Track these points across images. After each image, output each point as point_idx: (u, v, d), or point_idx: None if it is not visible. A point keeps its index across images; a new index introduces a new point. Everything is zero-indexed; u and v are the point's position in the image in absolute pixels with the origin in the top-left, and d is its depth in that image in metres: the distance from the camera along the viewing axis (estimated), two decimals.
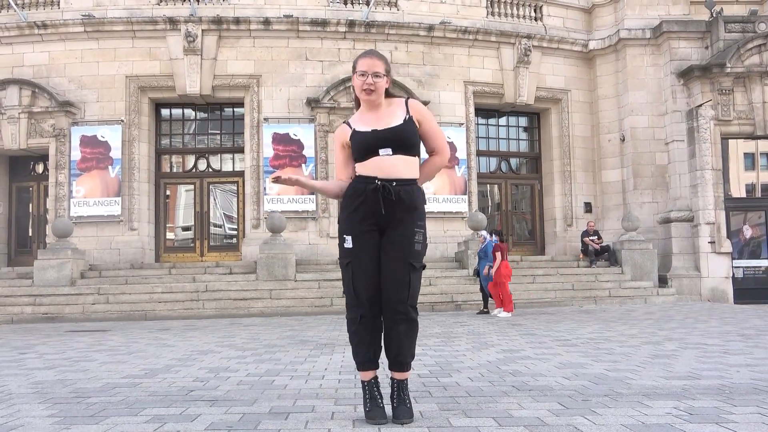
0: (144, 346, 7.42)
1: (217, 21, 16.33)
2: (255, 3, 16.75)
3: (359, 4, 17.19)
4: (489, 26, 17.71)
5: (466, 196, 17.03)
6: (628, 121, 17.55)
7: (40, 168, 17.26)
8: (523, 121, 19.37)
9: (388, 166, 3.21)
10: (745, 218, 17.13)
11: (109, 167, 16.07)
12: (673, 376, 4.59)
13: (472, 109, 17.61)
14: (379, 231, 3.27)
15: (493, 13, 18.11)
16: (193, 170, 17.50)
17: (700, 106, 16.50)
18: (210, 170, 17.48)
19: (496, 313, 11.67)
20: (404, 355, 3.25)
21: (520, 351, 6.28)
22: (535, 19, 18.49)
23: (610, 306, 13.93)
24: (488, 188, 19.06)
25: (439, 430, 3.06)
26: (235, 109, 17.49)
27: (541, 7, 18.54)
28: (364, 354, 3.28)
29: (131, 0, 16.49)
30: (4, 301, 13.26)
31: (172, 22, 16.19)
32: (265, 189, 16.26)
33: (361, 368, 3.31)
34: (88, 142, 16.07)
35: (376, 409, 3.23)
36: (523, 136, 19.47)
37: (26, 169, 17.50)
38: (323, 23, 16.62)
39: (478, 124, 18.29)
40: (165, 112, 17.61)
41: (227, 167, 17.62)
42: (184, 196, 17.58)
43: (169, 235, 17.30)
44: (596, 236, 16.78)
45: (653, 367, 5.01)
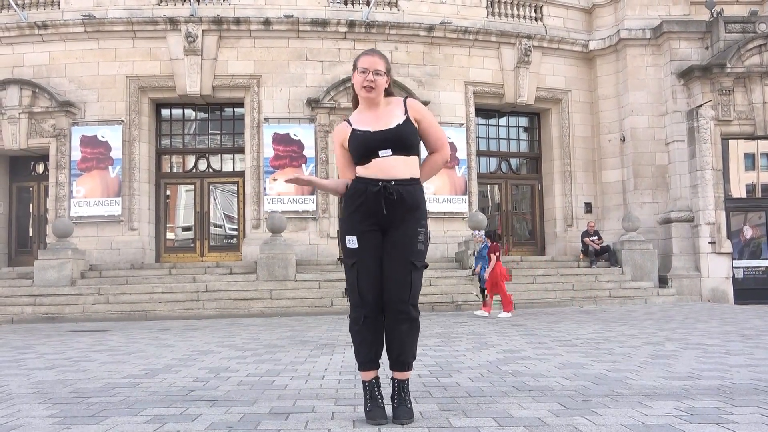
0: (144, 346, 7.42)
1: (218, 21, 16.34)
2: (255, 3, 16.75)
3: (359, 4, 17.19)
4: (489, 26, 17.71)
5: (466, 197, 17.03)
6: (629, 122, 17.55)
7: (40, 168, 17.26)
8: (524, 122, 19.37)
9: (388, 167, 3.21)
10: (746, 218, 17.13)
11: (110, 167, 16.08)
12: (673, 376, 4.59)
13: (472, 110, 17.61)
14: (380, 231, 3.27)
15: (493, 14, 18.11)
16: (194, 170, 17.50)
17: (701, 106, 16.50)
18: (210, 170, 17.49)
19: (477, 314, 11.80)
20: (406, 354, 3.26)
21: (521, 351, 6.28)
22: (536, 20, 18.49)
23: (611, 306, 13.93)
24: (488, 188, 19.06)
25: (439, 430, 3.06)
26: (235, 110, 17.49)
27: (541, 8, 18.54)
28: (365, 354, 3.29)
29: (131, 0, 16.49)
30: (4, 301, 13.26)
31: (173, 22, 16.20)
32: (265, 189, 16.26)
33: (363, 368, 3.31)
34: (88, 142, 16.08)
35: (376, 410, 3.23)
36: (524, 136, 19.47)
37: (26, 169, 17.51)
38: (323, 23, 16.63)
39: (478, 124, 18.29)
40: (165, 113, 17.61)
41: (227, 167, 17.62)
42: (184, 197, 17.58)
43: (170, 236, 17.31)
44: (596, 236, 16.77)
45: (653, 368, 5.01)
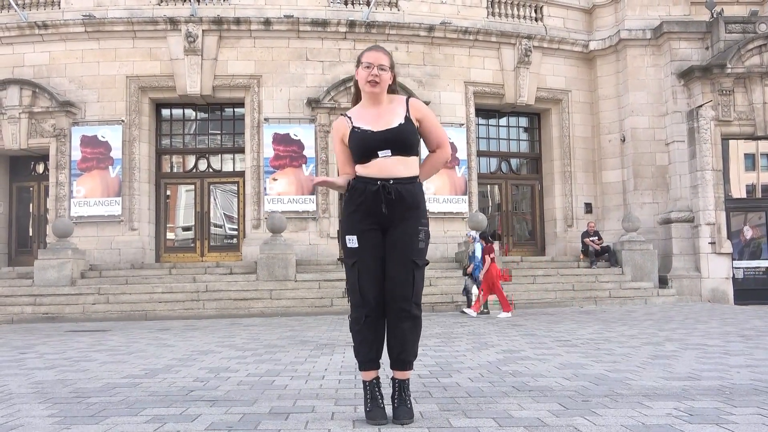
0: (144, 346, 7.42)
1: (218, 21, 16.34)
2: (255, 3, 16.75)
3: (360, 4, 17.19)
4: (489, 27, 17.71)
5: (466, 197, 17.03)
6: (629, 122, 17.55)
7: (40, 168, 17.26)
8: (524, 122, 19.37)
9: (387, 167, 3.21)
10: (746, 219, 17.13)
11: (110, 167, 16.08)
12: (673, 376, 4.58)
13: (472, 110, 17.61)
14: (380, 230, 3.26)
15: (493, 14, 18.10)
16: (194, 170, 17.50)
17: (701, 106, 16.50)
18: (210, 170, 17.49)
19: (467, 312, 11.87)
20: (407, 353, 3.25)
21: (520, 351, 6.29)
22: (536, 20, 18.49)
23: (611, 307, 13.92)
24: (488, 189, 19.05)
25: (439, 430, 3.06)
26: (235, 110, 17.49)
27: (541, 8, 18.54)
28: (366, 353, 3.28)
29: (132, 0, 16.49)
30: (4, 300, 13.26)
31: (173, 22, 16.20)
32: (265, 189, 16.26)
33: (363, 368, 3.31)
34: (88, 142, 16.08)
35: (376, 410, 3.22)
36: (524, 136, 19.47)
37: (27, 169, 17.51)
38: (324, 23, 16.62)
39: (478, 124, 18.29)
40: (165, 113, 17.61)
41: (228, 167, 17.62)
42: (184, 197, 17.58)
43: (170, 235, 17.31)
44: (596, 237, 16.77)
45: (653, 368, 5.00)
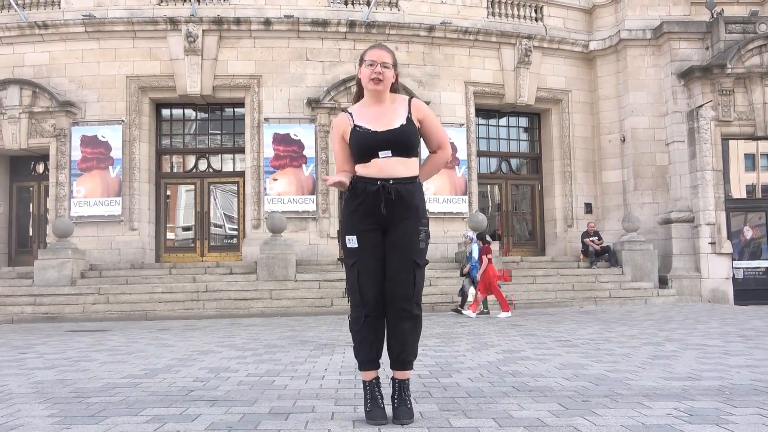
0: (144, 346, 7.42)
1: (218, 21, 16.34)
2: (256, 3, 16.75)
3: (360, 4, 17.18)
4: (489, 27, 17.71)
5: (466, 197, 17.03)
6: (629, 122, 17.55)
7: (40, 168, 17.26)
8: (524, 122, 19.37)
9: (387, 167, 3.21)
10: (746, 219, 17.13)
11: (110, 167, 16.08)
12: (673, 377, 4.58)
13: (472, 110, 17.60)
14: (380, 230, 3.26)
15: (493, 14, 18.10)
16: (194, 170, 17.50)
17: (701, 106, 16.50)
18: (210, 170, 17.49)
19: (466, 313, 11.85)
20: (407, 353, 3.25)
21: (520, 351, 6.29)
22: (536, 20, 18.49)
23: (611, 307, 13.92)
24: (488, 189, 19.05)
25: (439, 430, 3.06)
26: (235, 110, 17.49)
27: (541, 8, 18.53)
28: (366, 354, 3.28)
29: (132, 0, 16.49)
30: (4, 300, 13.26)
31: (173, 22, 16.20)
32: (265, 189, 16.26)
33: (363, 368, 3.31)
34: (88, 142, 16.08)
35: (376, 410, 3.22)
36: (524, 136, 19.47)
37: (27, 168, 17.51)
38: (324, 23, 16.62)
39: (478, 124, 18.28)
40: (165, 112, 17.61)
41: (228, 167, 17.62)
42: (184, 197, 17.58)
43: (170, 235, 17.31)
44: (596, 237, 16.77)
45: (653, 368, 5.01)
